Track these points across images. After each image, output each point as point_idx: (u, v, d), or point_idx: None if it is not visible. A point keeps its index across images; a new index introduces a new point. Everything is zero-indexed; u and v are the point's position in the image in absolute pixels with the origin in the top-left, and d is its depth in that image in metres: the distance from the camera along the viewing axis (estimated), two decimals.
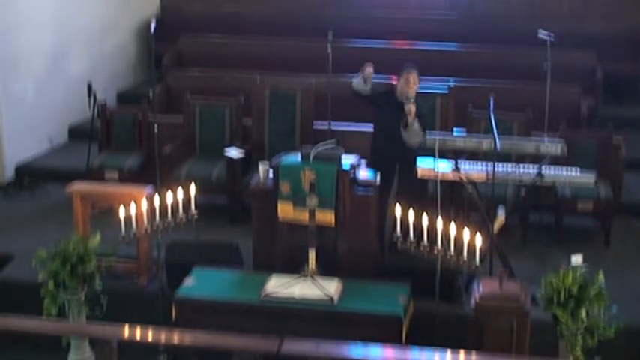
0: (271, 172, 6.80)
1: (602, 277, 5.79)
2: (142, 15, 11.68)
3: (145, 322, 6.03)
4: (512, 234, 7.65)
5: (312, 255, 6.55)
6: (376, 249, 6.87)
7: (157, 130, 7.07)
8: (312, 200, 6.55)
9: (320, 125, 8.34)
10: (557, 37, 8.40)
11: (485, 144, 6.89)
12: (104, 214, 7.38)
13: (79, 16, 10.38)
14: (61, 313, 6.41)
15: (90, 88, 9.00)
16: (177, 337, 5.80)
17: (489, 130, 6.81)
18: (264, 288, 6.36)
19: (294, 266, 6.58)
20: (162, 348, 6.43)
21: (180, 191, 6.37)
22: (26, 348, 6.81)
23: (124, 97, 11.07)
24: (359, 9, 11.63)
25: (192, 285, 6.53)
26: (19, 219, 8.46)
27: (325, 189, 6.55)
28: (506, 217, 6.92)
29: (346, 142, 7.27)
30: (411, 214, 6.04)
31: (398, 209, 6.10)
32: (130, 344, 5.87)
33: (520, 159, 7.43)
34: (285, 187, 6.60)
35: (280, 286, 6.36)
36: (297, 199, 6.59)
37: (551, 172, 6.89)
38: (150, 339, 5.84)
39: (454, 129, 8.05)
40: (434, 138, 6.85)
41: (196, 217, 6.44)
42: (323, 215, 6.57)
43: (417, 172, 6.91)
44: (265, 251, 6.85)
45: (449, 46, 10.57)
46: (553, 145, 6.96)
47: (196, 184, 6.49)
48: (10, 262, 7.54)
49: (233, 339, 5.67)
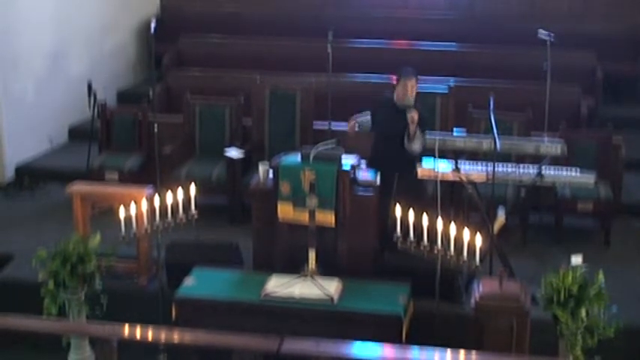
0: (271, 172, 6.80)
1: (602, 277, 5.79)
2: (142, 15, 11.68)
3: (145, 322, 6.02)
4: (512, 234, 7.65)
5: (312, 255, 6.55)
6: (376, 249, 6.87)
7: (156, 130, 7.07)
8: (312, 200, 6.55)
9: (320, 125, 8.33)
10: (557, 37, 8.40)
11: (485, 144, 6.90)
12: (104, 214, 7.37)
13: (79, 16, 10.38)
14: (61, 313, 6.41)
15: (90, 88, 9.01)
16: (177, 337, 5.80)
17: (489, 130, 6.81)
18: (264, 288, 6.36)
19: (294, 266, 6.58)
20: (162, 348, 6.44)
21: (180, 191, 6.37)
22: (26, 348, 6.81)
23: (124, 97, 11.07)
24: (359, 9, 11.63)
25: (192, 285, 6.53)
26: (19, 219, 8.46)
27: (325, 189, 6.55)
28: (506, 217, 6.92)
29: (346, 142, 7.27)
30: (411, 214, 6.04)
31: (398, 209, 6.11)
32: (130, 344, 5.88)
33: (520, 159, 7.43)
34: (285, 188, 6.60)
35: (280, 286, 6.36)
36: (297, 199, 6.58)
37: (551, 172, 6.89)
38: (150, 339, 5.84)
39: (454, 129, 8.04)
40: (434, 138, 6.85)
41: (196, 217, 6.44)
42: (323, 215, 6.57)
43: (416, 173, 6.91)
44: (265, 251, 6.85)
45: (449, 46, 10.57)
46: (553, 145, 6.96)
47: (196, 184, 6.49)
48: (10, 262, 7.54)
49: (233, 338, 5.67)
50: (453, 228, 5.91)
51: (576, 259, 6.14)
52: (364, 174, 6.84)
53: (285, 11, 11.67)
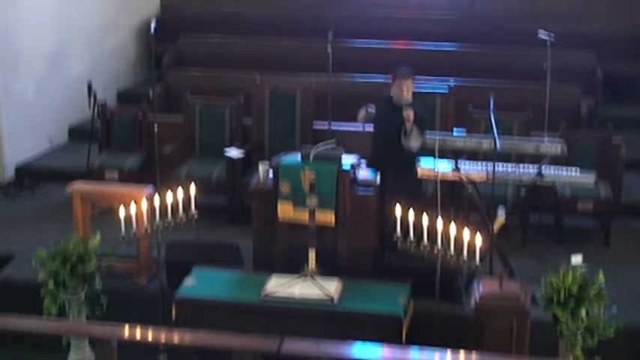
0: (271, 172, 6.80)
1: (602, 277, 5.79)
2: (142, 15, 11.68)
3: (145, 322, 6.03)
4: (512, 234, 7.65)
5: (312, 255, 6.55)
6: (376, 249, 6.87)
7: (156, 130, 7.07)
8: (312, 200, 6.55)
9: (320, 125, 8.34)
10: (557, 37, 8.40)
11: (485, 144, 6.90)
12: (104, 214, 7.37)
13: (79, 16, 10.38)
14: (61, 313, 6.41)
15: (90, 87, 9.01)
16: (177, 337, 5.80)
17: (489, 130, 6.81)
18: (264, 288, 6.36)
19: (294, 266, 6.58)
20: (163, 348, 6.44)
21: (180, 191, 6.37)
22: (26, 348, 6.82)
23: (124, 97, 11.07)
24: (359, 9, 11.63)
25: (192, 285, 6.53)
26: (19, 219, 8.46)
27: (325, 189, 6.55)
28: (506, 217, 6.92)
29: (346, 142, 7.27)
30: (411, 214, 6.04)
31: (398, 209, 6.11)
32: (130, 344, 5.87)
33: (520, 159, 7.43)
34: (285, 187, 6.60)
35: (280, 286, 6.36)
36: (297, 199, 6.59)
37: (551, 172, 6.89)
38: (150, 339, 5.84)
39: (454, 129, 8.05)
40: (434, 138, 6.85)
41: (196, 217, 6.44)
42: (323, 215, 6.57)
43: (415, 173, 6.91)
44: (265, 251, 6.85)
45: (449, 46, 10.58)
46: (553, 145, 6.96)
47: (196, 184, 6.49)
48: (10, 262, 7.54)
49: (233, 339, 5.67)
50: (453, 228, 5.91)
51: (576, 259, 6.14)
52: (364, 174, 6.85)
53: (285, 11, 11.67)
